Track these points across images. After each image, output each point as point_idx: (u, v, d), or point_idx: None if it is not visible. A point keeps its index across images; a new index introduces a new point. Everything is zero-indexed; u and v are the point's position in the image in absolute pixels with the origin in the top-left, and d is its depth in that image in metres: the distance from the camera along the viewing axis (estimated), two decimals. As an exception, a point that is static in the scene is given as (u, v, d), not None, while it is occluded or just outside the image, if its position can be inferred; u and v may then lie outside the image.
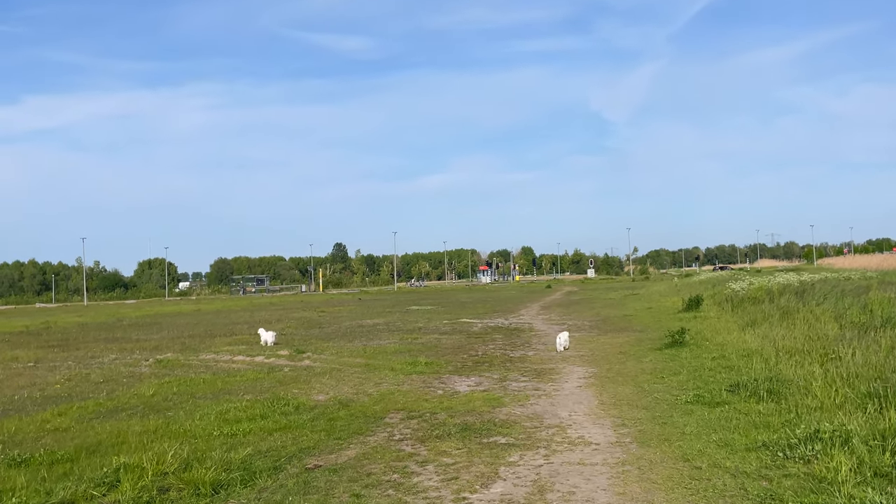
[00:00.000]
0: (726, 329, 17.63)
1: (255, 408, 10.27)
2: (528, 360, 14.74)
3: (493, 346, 17.68)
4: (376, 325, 26.47)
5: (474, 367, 13.97)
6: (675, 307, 28.46)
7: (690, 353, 14.20)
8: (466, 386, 11.72)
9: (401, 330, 23.84)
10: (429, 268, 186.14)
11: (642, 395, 10.33)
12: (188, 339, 23.01)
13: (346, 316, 33.85)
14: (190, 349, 19.40)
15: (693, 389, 10.46)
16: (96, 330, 30.46)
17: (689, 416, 8.79)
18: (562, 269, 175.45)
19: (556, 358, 14.99)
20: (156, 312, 47.03)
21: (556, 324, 24.82)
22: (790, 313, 17.85)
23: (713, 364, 12.52)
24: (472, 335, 21.10)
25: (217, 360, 16.72)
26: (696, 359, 13.39)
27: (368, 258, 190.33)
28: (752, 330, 16.55)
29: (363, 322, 28.78)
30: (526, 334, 21.03)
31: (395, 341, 19.72)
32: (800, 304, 18.83)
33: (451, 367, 13.94)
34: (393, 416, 9.51)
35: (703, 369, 12.11)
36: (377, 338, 21.13)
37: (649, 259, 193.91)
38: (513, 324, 25.40)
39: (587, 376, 12.33)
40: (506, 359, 15.09)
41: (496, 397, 10.51)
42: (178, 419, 9.79)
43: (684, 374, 11.86)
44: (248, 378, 13.42)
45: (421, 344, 18.70)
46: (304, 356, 16.48)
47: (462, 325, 25.03)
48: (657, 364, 13.21)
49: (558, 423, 8.81)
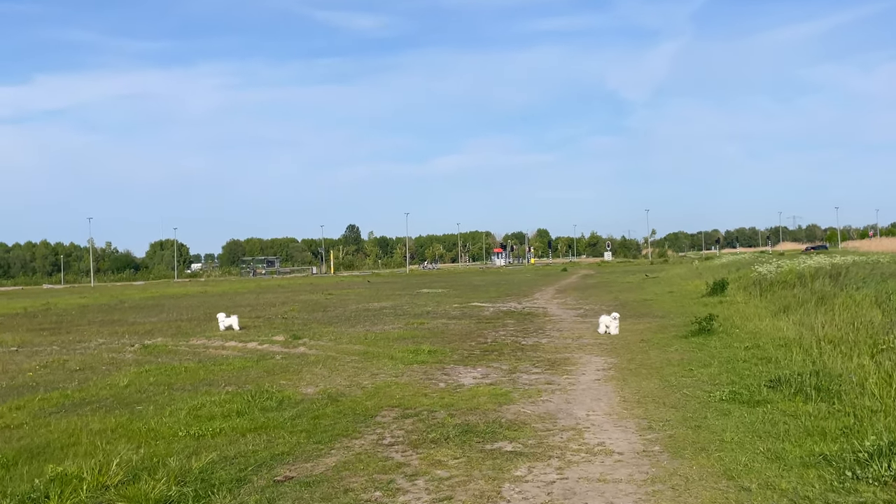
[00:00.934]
0: (757, 315, 16.43)
1: (234, 402, 9.22)
2: (541, 349, 13.62)
3: (504, 333, 16.57)
4: (383, 309, 25.44)
5: (482, 356, 12.87)
6: (697, 291, 27.23)
7: (720, 341, 13.02)
8: (472, 378, 10.62)
9: (408, 314, 22.79)
10: (443, 250, 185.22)
11: (669, 391, 9.19)
12: (184, 323, 22.08)
13: (353, 299, 32.87)
14: (182, 333, 18.43)
15: (727, 384, 9.31)
16: (95, 312, 29.64)
17: (727, 417, 7.65)
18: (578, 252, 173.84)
19: (571, 346, 13.86)
20: (161, 294, 46.27)
21: (572, 308, 23.69)
22: (827, 298, 16.60)
23: (747, 355, 11.35)
24: (482, 320, 20.00)
25: (207, 345, 15.72)
26: (727, 348, 12.23)
27: (382, 240, 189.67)
28: (785, 316, 15.34)
29: (369, 305, 27.77)
30: (540, 320, 19.91)
31: (401, 326, 18.66)
32: (836, 289, 17.56)
33: (456, 356, 12.84)
34: (386, 414, 8.43)
35: (736, 360, 10.94)
36: (382, 322, 20.09)
37: (667, 242, 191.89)
38: (526, 308, 24.27)
39: (606, 367, 11.20)
40: (517, 347, 13.98)
41: (504, 392, 9.40)
42: (145, 415, 8.76)
43: (715, 365, 10.70)
44: (235, 367, 12.39)
45: (427, 330, 17.62)
46: (300, 342, 15.45)
47: (472, 310, 23.94)
48: (684, 354, 12.05)
49: (574, 424, 7.70)
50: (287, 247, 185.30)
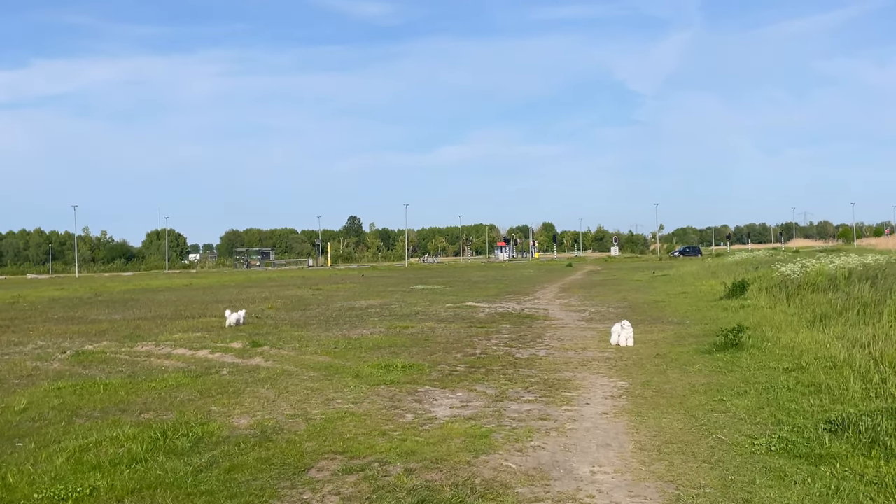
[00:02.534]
0: (788, 325, 14.39)
1: (138, 440, 7.23)
2: (537, 364, 11.60)
3: (497, 342, 14.56)
4: (369, 308, 23.45)
5: (466, 374, 10.86)
6: (713, 292, 25.18)
7: (752, 359, 10.99)
8: (448, 408, 8.61)
9: (394, 315, 20.79)
10: (445, 243, 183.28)
11: (699, 433, 7.18)
12: (146, 322, 20.13)
13: (342, 295, 30.88)
14: (134, 336, 16.46)
15: (773, 425, 7.30)
16: (61, 307, 27.71)
17: (782, 483, 5.65)
18: (584, 247, 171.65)
19: (574, 362, 11.83)
20: (143, 287, 44.34)
21: (576, 310, 21.66)
22: (870, 306, 14.56)
23: (789, 380, 9.32)
24: (474, 324, 17.99)
25: (152, 352, 13.75)
26: (762, 369, 10.20)
27: (383, 232, 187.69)
28: (823, 327, 13.31)
29: (356, 303, 25.77)
30: (539, 324, 17.88)
31: (382, 330, 16.66)
32: (879, 295, 15.50)
33: (435, 374, 10.83)
34: (324, 467, 6.43)
35: (777, 388, 8.92)
36: (363, 325, 18.10)
37: (675, 237, 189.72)
38: (525, 309, 22.25)
39: (616, 394, 9.19)
40: (509, 361, 11.95)
41: (485, 433, 7.38)
42: (13, 460, 6.78)
43: (752, 395, 8.68)
44: (167, 384, 10.40)
45: (410, 336, 15.62)
46: (258, 350, 13.46)
47: (466, 311, 21.93)
48: (710, 376, 10.03)
49: (574, 490, 5.70)
50: (287, 238, 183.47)
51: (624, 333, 13.31)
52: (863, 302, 15.00)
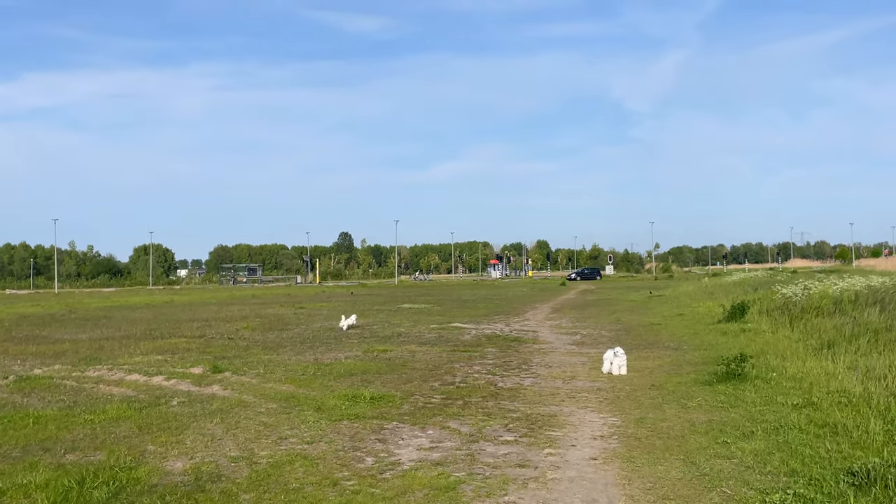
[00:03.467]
0: (793, 352, 13.47)
1: (47, 491, 6.26)
2: (520, 396, 10.64)
3: (480, 368, 13.60)
4: (350, 329, 22.46)
5: (441, 406, 9.89)
6: (711, 315, 24.28)
7: (757, 392, 10.05)
8: (415, 449, 7.64)
9: (375, 337, 19.82)
10: (438, 260, 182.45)
11: (701, 486, 6.23)
12: (111, 342, 19.12)
13: (324, 315, 29.91)
14: (92, 359, 15.45)
15: (786, 475, 6.36)
16: (28, 325, 26.65)
17: (805, 557, 4.70)
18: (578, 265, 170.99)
19: (561, 392, 10.88)
20: (121, 303, 43.24)
21: (567, 332, 20.73)
22: (881, 333, 13.67)
23: (801, 418, 8.38)
24: (458, 347, 17.02)
25: (103, 378, 12.74)
26: (769, 405, 9.26)
27: (375, 249, 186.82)
28: (832, 356, 12.40)
29: (337, 324, 24.77)
30: (527, 348, 16.93)
31: (358, 355, 15.69)
32: (891, 320, 14.61)
33: (406, 407, 9.86)
34: (256, 528, 5.46)
35: (788, 428, 7.98)
36: (339, 348, 17.12)
37: (671, 256, 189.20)
38: (514, 331, 21.30)
39: (606, 434, 8.23)
40: (490, 392, 10.99)
41: (452, 484, 6.41)
42: None
43: (760, 436, 7.74)
44: (107, 416, 9.41)
45: (386, 361, 14.65)
46: (218, 377, 12.48)
47: (451, 333, 20.96)
48: (712, 412, 9.09)
49: (552, 564, 4.75)
50: (277, 254, 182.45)
51: (617, 361, 12.37)
52: (873, 328, 14.10)
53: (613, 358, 12.43)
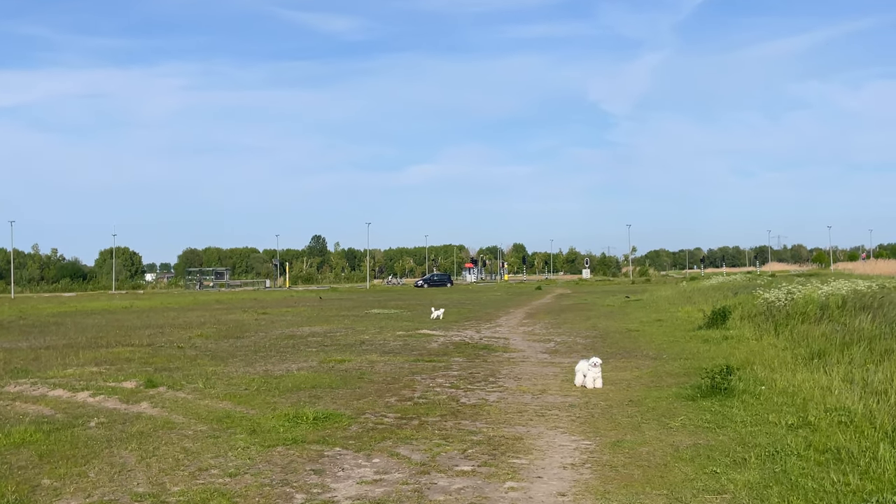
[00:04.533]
0: (781, 362, 12.61)
1: None
2: (484, 414, 9.64)
3: (443, 380, 12.59)
4: (310, 336, 21.39)
5: (393, 427, 8.86)
6: (691, 320, 23.48)
7: (746, 410, 9.13)
8: (355, 483, 6.60)
9: (336, 345, 18.76)
10: (413, 264, 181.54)
11: (688, 531, 5.27)
12: (51, 351, 17.89)
13: (288, 321, 28.75)
14: (21, 371, 14.26)
15: (789, 518, 5.43)
16: (-31, 332, 25.24)
17: None
18: (555, 269, 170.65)
19: (529, 410, 9.89)
20: (78, 309, 41.72)
21: (540, 340, 19.79)
22: (874, 341, 12.86)
23: (798, 442, 7.46)
24: (422, 357, 16.02)
25: (22, 394, 11.56)
26: (760, 425, 8.34)
27: (349, 252, 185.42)
28: (824, 367, 11.55)
29: (299, 330, 23.69)
30: (496, 357, 15.96)
31: (313, 365, 14.63)
32: (881, 328, 13.81)
33: (354, 428, 8.81)
34: None
35: (784, 454, 7.05)
36: (295, 357, 16.05)
37: (648, 259, 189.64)
38: (484, 339, 20.33)
39: (578, 461, 7.25)
40: (451, 409, 9.98)
41: (391, 531, 5.41)
42: None
43: (754, 465, 6.81)
44: (10, 441, 8.24)
45: (342, 372, 13.60)
46: (150, 393, 11.36)
47: (418, 340, 19.94)
48: (697, 433, 8.15)
49: None
50: (247, 257, 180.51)
51: (591, 374, 11.43)
52: (865, 336, 13.29)
53: (588, 370, 11.48)
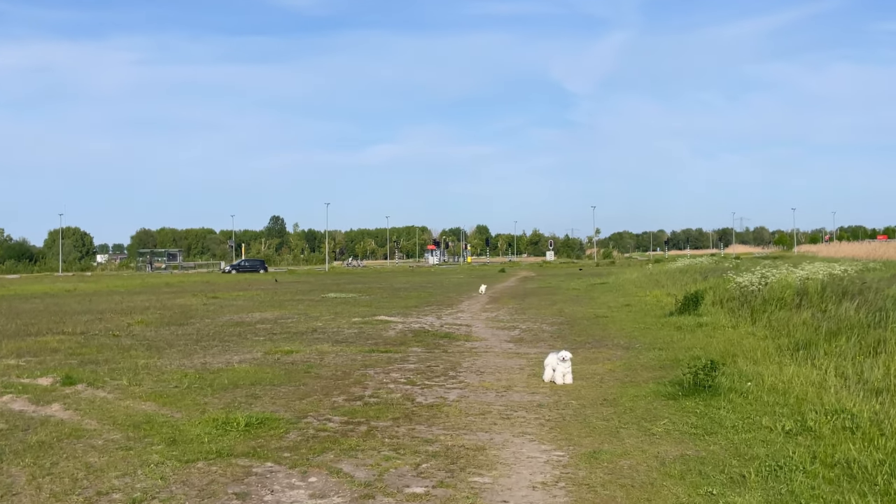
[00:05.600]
0: (765, 354, 11.79)
1: None
2: (442, 417, 8.63)
3: (399, 375, 11.57)
4: (259, 323, 20.22)
5: (338, 435, 7.80)
6: (660, 305, 22.77)
7: (736, 412, 8.23)
8: (283, 511, 5.57)
9: (285, 333, 17.63)
10: (374, 245, 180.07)
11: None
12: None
13: (238, 305, 27.50)
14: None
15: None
16: None
17: None
18: (519, 251, 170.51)
19: (493, 411, 8.91)
20: (15, 293, 39.90)
21: (504, 327, 18.86)
22: (863, 330, 12.11)
23: (800, 452, 6.57)
24: (378, 346, 14.97)
25: (-82, 394, 10.29)
26: (754, 430, 7.44)
27: (309, 233, 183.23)
28: (812, 360, 10.75)
29: (248, 316, 22.50)
30: (458, 347, 14.99)
31: (256, 357, 13.51)
32: (867, 316, 13.08)
33: (293, 436, 7.74)
34: None
35: (788, 469, 6.14)
36: (238, 347, 14.91)
37: (612, 242, 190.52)
38: (445, 325, 19.34)
39: (550, 479, 6.27)
40: (405, 411, 8.94)
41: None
42: None
43: (754, 482, 5.89)
44: None
45: (288, 365, 12.50)
46: (66, 391, 10.17)
47: (374, 328, 18.89)
48: (683, 441, 7.23)
49: None
50: (204, 238, 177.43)
51: (561, 368, 10.48)
52: (852, 325, 12.54)
53: (557, 364, 10.53)
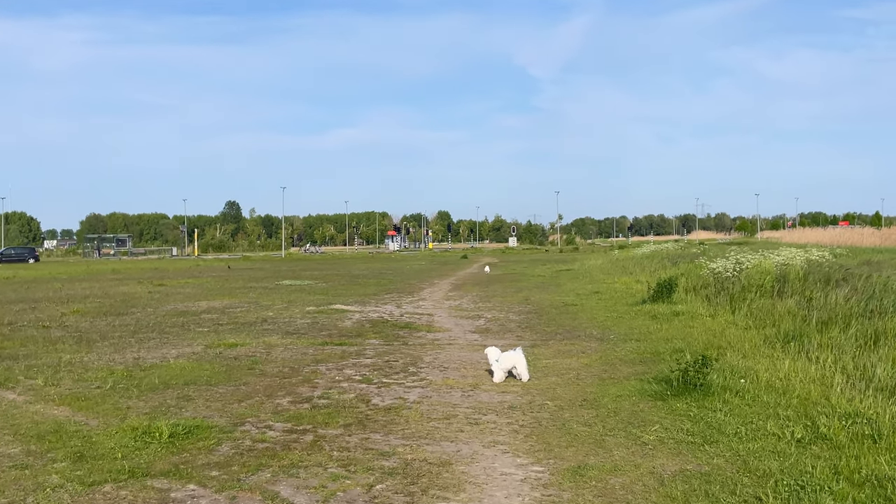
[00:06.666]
0: (753, 346, 10.98)
1: None
2: (401, 422, 7.61)
3: (353, 371, 10.53)
4: (205, 313, 19.01)
5: (279, 447, 6.74)
6: (631, 292, 22.00)
7: (734, 414, 7.34)
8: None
9: (232, 324, 16.48)
10: (334, 231, 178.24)
11: None
12: None
13: (185, 294, 26.16)
14: None
15: None
16: None
17: None
18: (481, 237, 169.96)
19: (459, 414, 7.91)
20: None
21: (469, 316, 17.91)
22: (854, 319, 11.36)
23: (821, 469, 5.68)
24: (331, 339, 13.90)
25: None
26: (759, 438, 6.55)
27: (266, 219, 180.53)
28: (805, 353, 9.96)
29: (195, 305, 21.25)
30: (419, 339, 13.99)
31: (196, 351, 12.37)
32: (862, 304, 12.35)
33: (224, 450, 6.67)
34: None
35: (810, 489, 5.24)
36: (178, 340, 13.74)
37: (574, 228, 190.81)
38: (405, 315, 18.32)
39: (529, 503, 5.31)
40: (359, 415, 7.91)
41: None
42: None
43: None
44: None
45: (230, 361, 11.38)
46: (-32, 395, 8.97)
47: (329, 318, 17.79)
48: (681, 452, 6.31)
49: None
50: (156, 223, 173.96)
51: (508, 361, 9.56)
52: (843, 314, 11.79)
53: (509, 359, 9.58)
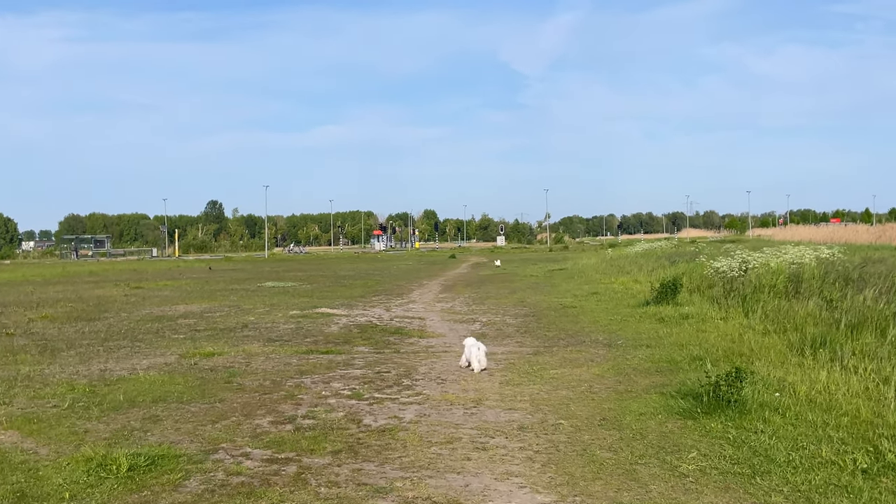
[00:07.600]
0: (779, 354, 10.13)
1: None
2: (397, 448, 6.69)
3: (341, 385, 9.60)
4: (183, 317, 18.04)
5: (254, 484, 5.82)
6: (630, 293, 21.19)
7: (779, 437, 6.46)
8: None
9: (210, 330, 15.52)
10: (318, 231, 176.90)
11: None
12: None
13: (163, 297, 25.13)
14: None
15: None
16: None
17: None
18: (468, 236, 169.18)
19: (463, 437, 7.00)
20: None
21: (463, 320, 17.01)
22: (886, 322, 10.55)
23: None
24: (317, 346, 12.97)
25: None
26: (818, 469, 5.69)
27: (248, 219, 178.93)
28: (839, 362, 9.11)
29: (171, 310, 20.24)
30: (412, 346, 13.07)
31: (169, 362, 11.41)
32: (891, 306, 11.54)
33: (191, 487, 5.73)
34: None
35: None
36: (149, 349, 12.78)
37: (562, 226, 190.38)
38: (395, 319, 17.40)
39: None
40: (349, 440, 6.99)
41: None
42: None
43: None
44: None
45: (205, 373, 10.43)
46: None
47: (314, 322, 16.85)
48: (731, 488, 5.41)
49: None
50: (137, 224, 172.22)
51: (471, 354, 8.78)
52: (875, 317, 10.97)
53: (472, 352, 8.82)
